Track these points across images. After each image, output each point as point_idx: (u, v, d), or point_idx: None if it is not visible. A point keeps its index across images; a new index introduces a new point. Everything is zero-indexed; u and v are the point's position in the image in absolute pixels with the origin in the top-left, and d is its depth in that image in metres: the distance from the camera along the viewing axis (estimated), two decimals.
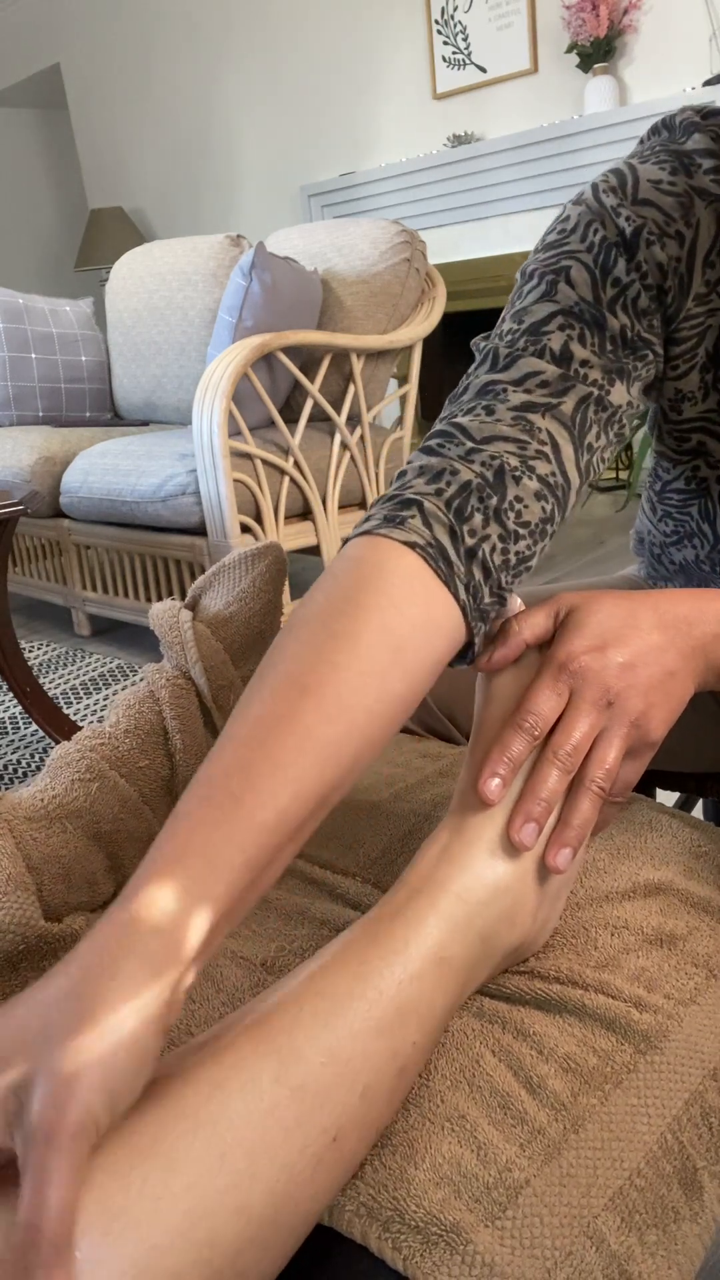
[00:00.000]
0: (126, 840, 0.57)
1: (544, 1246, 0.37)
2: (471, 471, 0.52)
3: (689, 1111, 0.43)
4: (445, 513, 0.50)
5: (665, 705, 0.50)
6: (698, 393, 0.65)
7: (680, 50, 3.24)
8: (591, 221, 0.59)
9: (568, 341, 0.57)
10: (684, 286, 0.59)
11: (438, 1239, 0.37)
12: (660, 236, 0.58)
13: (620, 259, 0.58)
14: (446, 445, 0.54)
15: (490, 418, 0.54)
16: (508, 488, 0.52)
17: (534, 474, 0.53)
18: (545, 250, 0.61)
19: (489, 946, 0.46)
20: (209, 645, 0.63)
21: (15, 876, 0.49)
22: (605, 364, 0.57)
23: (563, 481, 0.55)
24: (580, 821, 0.47)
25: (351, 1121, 0.38)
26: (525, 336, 0.57)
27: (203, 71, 4.77)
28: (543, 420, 0.55)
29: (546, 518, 0.54)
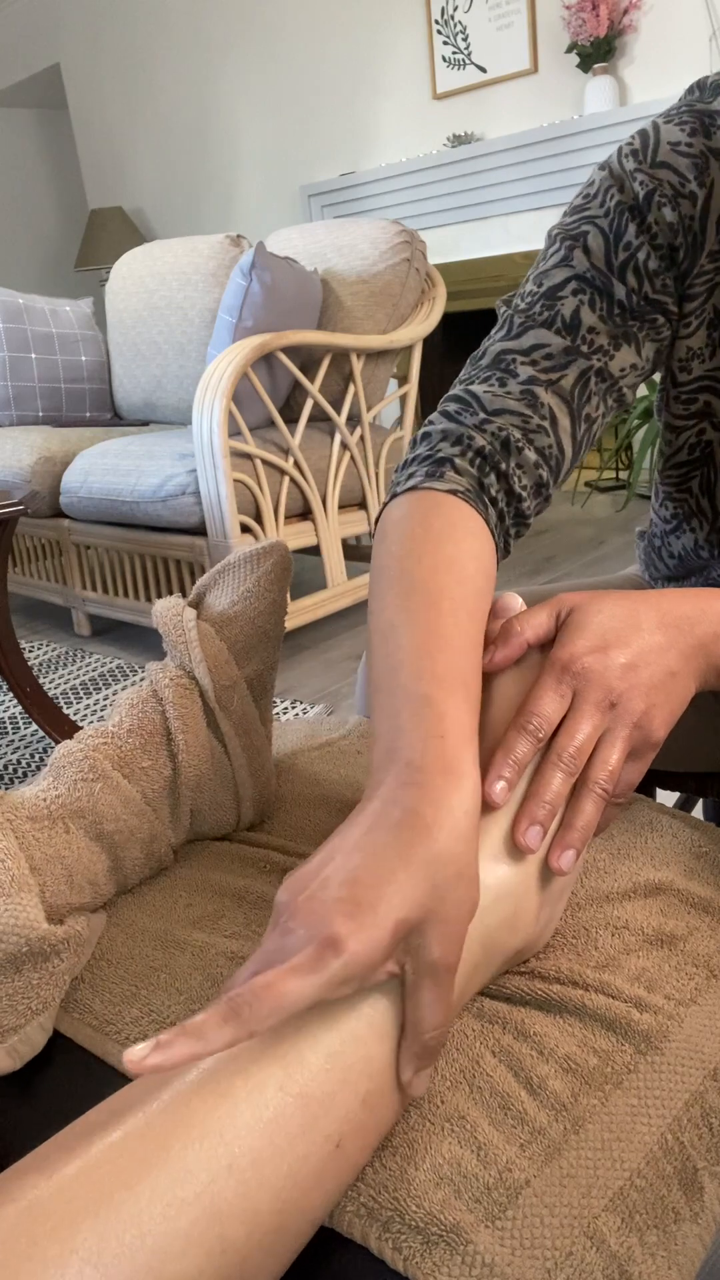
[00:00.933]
0: (128, 840, 0.57)
1: (544, 1247, 0.36)
2: (484, 439, 0.61)
3: (689, 1112, 0.43)
4: (470, 468, 0.60)
5: (667, 705, 0.50)
6: (705, 350, 0.67)
7: (680, 50, 3.24)
8: (610, 186, 0.64)
9: (579, 307, 0.63)
10: (697, 244, 0.63)
11: (438, 1239, 0.37)
12: (674, 197, 0.62)
13: (631, 224, 0.63)
14: (463, 413, 0.63)
15: (502, 389, 0.63)
16: (511, 456, 0.61)
17: (532, 446, 0.62)
18: (570, 214, 0.66)
19: (490, 952, 0.46)
20: (213, 645, 0.63)
21: (19, 878, 0.49)
22: (611, 329, 0.64)
23: (558, 453, 0.63)
24: (583, 823, 0.47)
25: (354, 1128, 0.38)
26: (542, 300, 0.65)
27: (202, 71, 4.77)
28: (546, 394, 0.63)
29: (542, 484, 0.63)
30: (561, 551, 3.11)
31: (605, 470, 4.02)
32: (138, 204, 5.47)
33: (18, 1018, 0.47)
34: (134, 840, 0.57)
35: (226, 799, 0.63)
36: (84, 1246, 0.31)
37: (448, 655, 0.48)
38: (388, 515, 0.59)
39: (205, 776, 0.61)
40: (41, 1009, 0.48)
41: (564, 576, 2.84)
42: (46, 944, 0.47)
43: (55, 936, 0.48)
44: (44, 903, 0.51)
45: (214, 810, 0.63)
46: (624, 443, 3.74)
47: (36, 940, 0.47)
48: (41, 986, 0.48)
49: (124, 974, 0.52)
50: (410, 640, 0.49)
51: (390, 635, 0.50)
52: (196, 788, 0.61)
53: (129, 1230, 0.32)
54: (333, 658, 2.40)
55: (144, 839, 0.58)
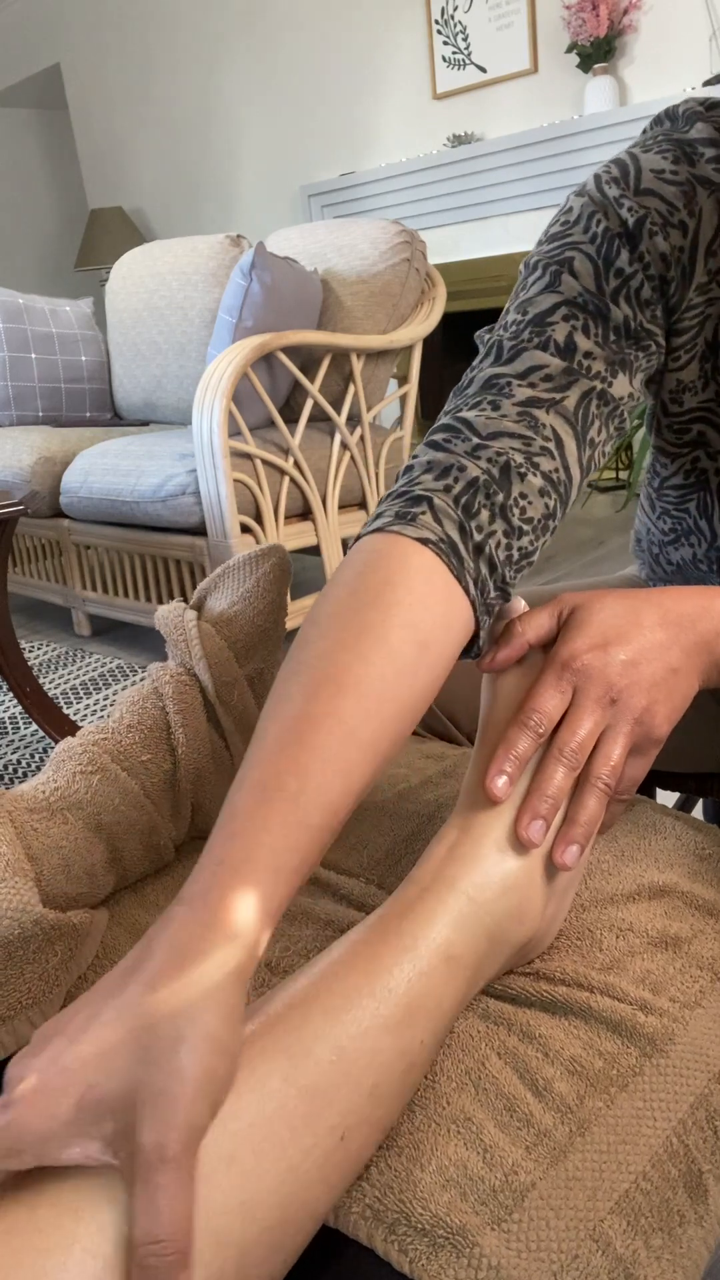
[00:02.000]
0: (127, 833, 0.57)
1: (550, 1250, 0.36)
2: (478, 468, 0.52)
3: (694, 1115, 0.43)
4: (454, 509, 0.51)
5: (669, 702, 0.50)
6: (698, 383, 0.65)
7: (680, 50, 3.24)
8: (594, 213, 0.59)
9: (572, 332, 0.57)
10: (686, 276, 0.60)
11: (444, 1241, 0.36)
12: (664, 226, 0.58)
13: (623, 250, 0.58)
14: (453, 441, 0.54)
15: (496, 413, 0.55)
16: (513, 484, 0.52)
17: (538, 470, 0.53)
18: (549, 242, 0.61)
19: (496, 944, 0.46)
20: (213, 643, 0.63)
21: (14, 862, 0.49)
22: (608, 355, 0.58)
23: (565, 478, 0.55)
24: (587, 819, 0.47)
25: (359, 1120, 0.38)
26: (530, 328, 0.58)
27: (203, 72, 4.77)
28: (547, 416, 0.55)
29: (549, 514, 0.54)
30: (561, 551, 3.11)
31: (605, 470, 4.02)
32: (138, 204, 5.46)
33: (8, 1009, 0.47)
34: (132, 832, 0.57)
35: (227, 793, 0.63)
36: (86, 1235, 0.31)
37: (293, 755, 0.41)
38: (347, 558, 0.51)
39: (205, 770, 0.61)
40: (31, 1003, 0.48)
41: (564, 576, 2.84)
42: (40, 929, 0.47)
43: (49, 921, 0.48)
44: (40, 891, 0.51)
45: (215, 805, 0.63)
46: (624, 443, 3.74)
47: (31, 924, 0.47)
48: (34, 980, 0.48)
49: None
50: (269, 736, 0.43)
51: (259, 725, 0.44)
52: (197, 781, 0.61)
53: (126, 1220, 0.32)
54: None
55: (143, 831, 0.58)
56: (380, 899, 0.56)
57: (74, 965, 0.51)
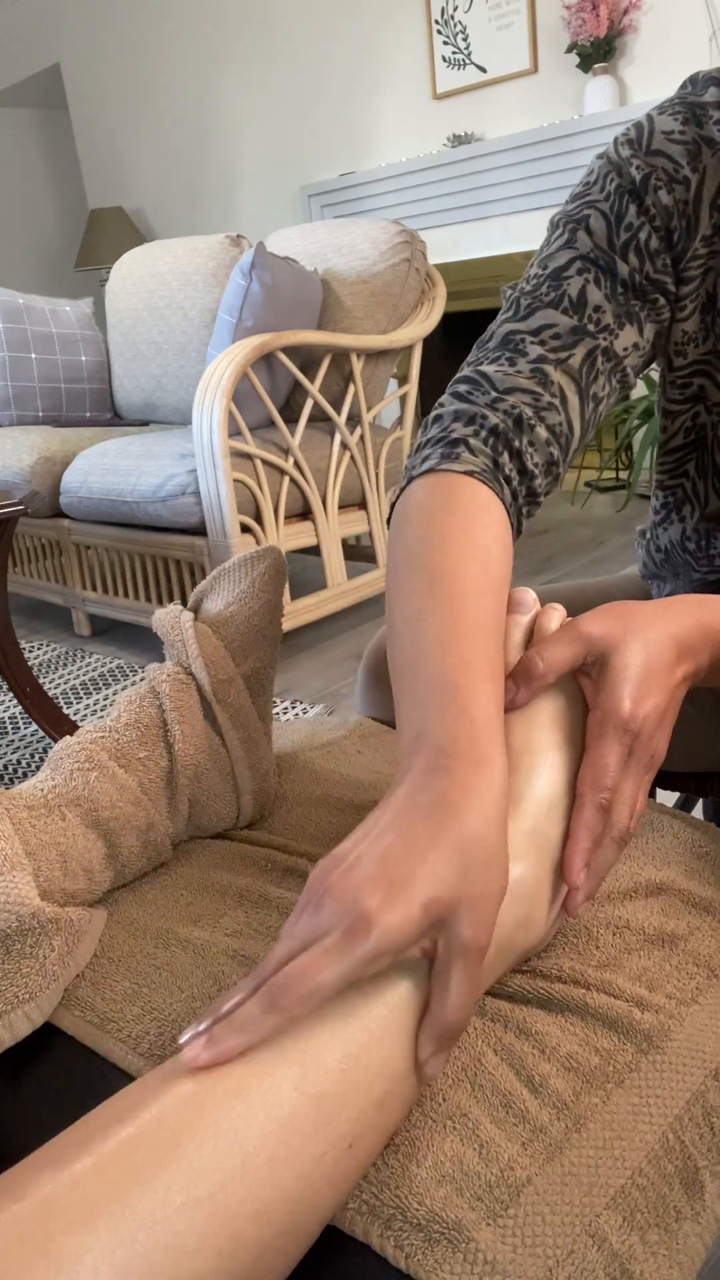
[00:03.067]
0: (124, 829, 0.57)
1: (546, 1245, 0.37)
2: (497, 418, 0.61)
3: (691, 1111, 0.43)
4: (485, 448, 0.60)
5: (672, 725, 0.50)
6: (699, 334, 0.69)
7: (680, 50, 3.24)
8: (609, 173, 0.66)
9: (585, 285, 0.65)
10: (690, 228, 0.65)
11: (440, 1237, 0.37)
12: (668, 182, 0.64)
13: (631, 205, 0.65)
14: (475, 393, 0.63)
15: (512, 369, 0.63)
16: (524, 434, 0.61)
17: (544, 423, 0.62)
18: (571, 202, 0.68)
19: (504, 952, 0.46)
20: (209, 642, 0.64)
21: (11, 856, 0.49)
22: (615, 309, 0.65)
23: (567, 430, 0.64)
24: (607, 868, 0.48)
25: (367, 1129, 0.38)
26: (548, 282, 0.66)
27: (202, 71, 4.77)
28: (555, 372, 0.63)
29: (553, 460, 0.63)
30: (561, 551, 3.11)
31: (605, 470, 4.02)
32: (138, 204, 5.47)
33: (4, 1004, 0.47)
34: (130, 828, 0.58)
35: (225, 790, 0.63)
36: (98, 1244, 0.31)
37: (475, 643, 0.48)
38: (406, 499, 0.59)
39: (202, 767, 0.62)
40: (28, 998, 0.48)
41: (564, 576, 2.84)
42: (37, 921, 0.47)
43: (46, 914, 0.48)
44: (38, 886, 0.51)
45: (213, 801, 0.63)
46: (624, 443, 3.74)
47: (28, 917, 0.47)
48: (31, 974, 0.48)
49: (125, 971, 0.52)
50: (437, 627, 0.49)
51: (417, 622, 0.50)
52: (194, 778, 0.61)
53: (143, 1228, 0.32)
54: (332, 658, 2.40)
55: (140, 827, 0.58)
56: None
57: (72, 962, 0.51)
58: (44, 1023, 0.49)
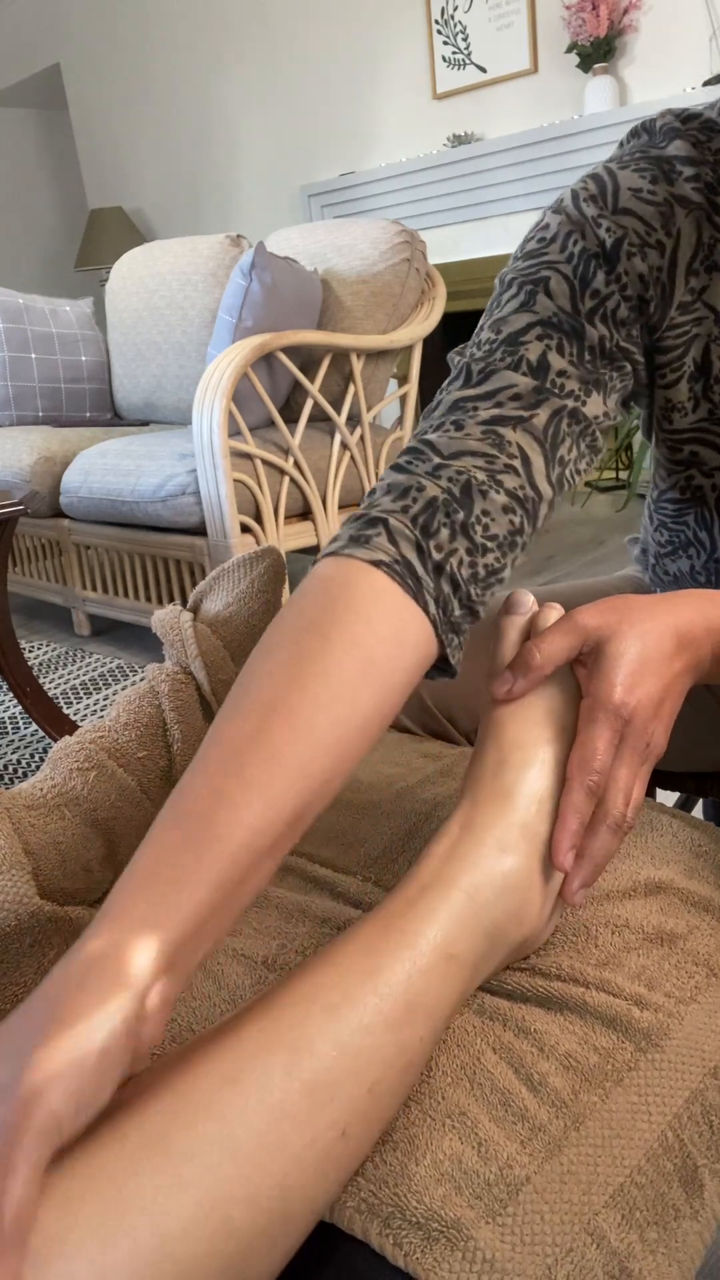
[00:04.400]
0: (124, 828, 0.58)
1: (545, 1243, 0.37)
2: (438, 487, 0.52)
3: (689, 1109, 0.43)
4: (411, 529, 0.51)
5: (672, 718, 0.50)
6: (688, 404, 0.65)
7: (680, 50, 3.24)
8: (571, 232, 0.59)
9: (545, 351, 0.57)
10: (666, 296, 0.60)
11: (438, 1235, 0.37)
12: (641, 247, 0.58)
13: (600, 271, 0.58)
14: (415, 462, 0.54)
15: (459, 433, 0.55)
16: (475, 502, 0.52)
17: (501, 488, 0.53)
18: (525, 259, 0.61)
19: (496, 943, 0.46)
20: (209, 642, 0.64)
21: (11, 856, 0.49)
22: (582, 375, 0.58)
23: (532, 494, 0.55)
24: (605, 857, 0.48)
25: (360, 1116, 0.38)
26: (503, 347, 0.58)
27: (202, 72, 4.77)
28: (513, 433, 0.55)
29: (515, 529, 0.54)
30: (561, 551, 3.11)
31: (605, 470, 4.02)
32: (138, 204, 5.47)
33: (4, 1002, 0.47)
34: (129, 828, 0.58)
35: None
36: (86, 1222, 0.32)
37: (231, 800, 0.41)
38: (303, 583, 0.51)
39: None
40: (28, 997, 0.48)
41: (564, 576, 2.84)
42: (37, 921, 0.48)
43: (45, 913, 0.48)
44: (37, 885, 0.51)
45: None
46: (624, 443, 3.74)
47: (27, 916, 0.47)
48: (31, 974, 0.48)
49: None
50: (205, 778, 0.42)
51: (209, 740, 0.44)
52: None
53: (130, 1209, 0.32)
54: None
55: (139, 827, 0.58)
56: (377, 896, 0.56)
57: None
58: None
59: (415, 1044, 0.41)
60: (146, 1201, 0.32)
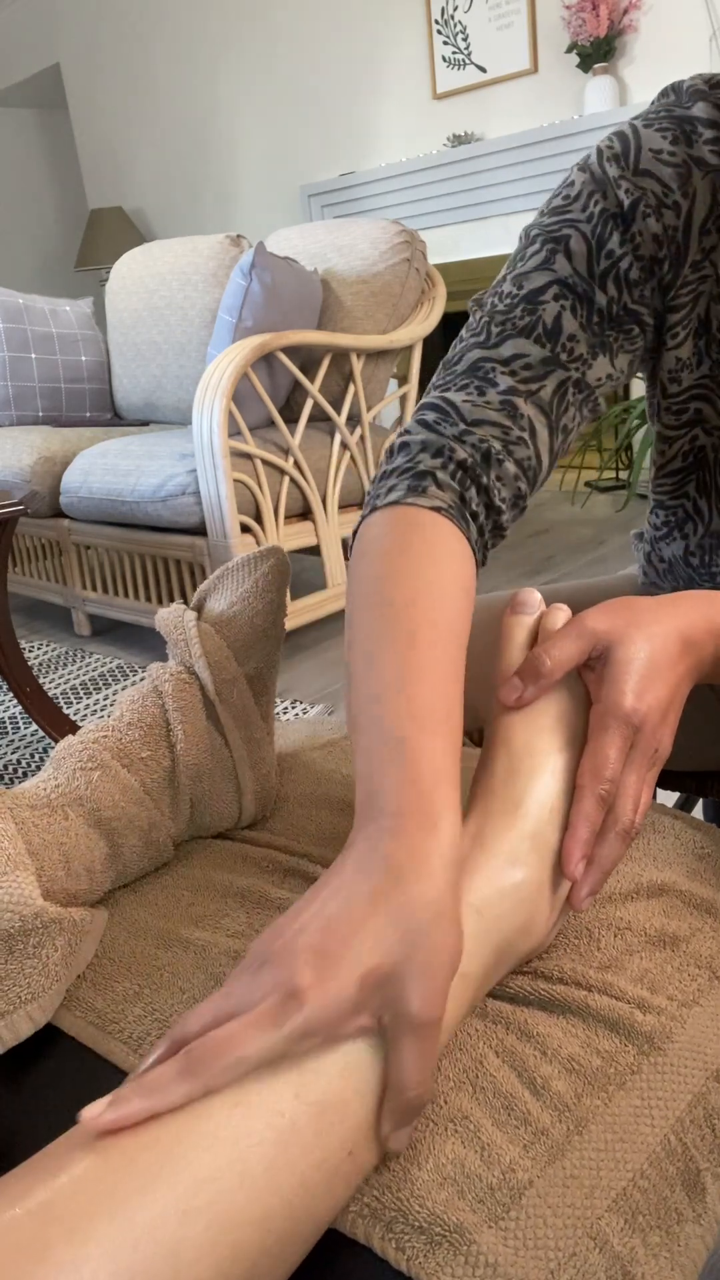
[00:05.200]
0: (127, 829, 0.57)
1: (547, 1247, 0.36)
2: (465, 452, 0.59)
3: (692, 1113, 0.43)
4: (452, 482, 0.59)
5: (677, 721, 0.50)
6: (693, 359, 0.67)
7: (680, 50, 3.24)
8: (594, 192, 0.63)
9: (560, 313, 0.62)
10: (680, 255, 0.63)
11: (441, 1239, 0.36)
12: (657, 208, 0.61)
13: (615, 232, 0.62)
14: (442, 424, 0.61)
15: (481, 399, 0.61)
16: (492, 469, 0.60)
17: (513, 458, 0.60)
18: (550, 215, 0.65)
19: (503, 956, 0.45)
20: (212, 642, 0.64)
21: (14, 856, 0.49)
22: (590, 339, 0.63)
23: (535, 464, 0.62)
24: (612, 863, 0.48)
25: (367, 1136, 0.38)
26: (523, 305, 0.63)
27: (202, 71, 4.77)
28: (525, 405, 0.61)
29: (519, 495, 0.62)
30: (561, 551, 3.11)
31: (605, 470, 4.02)
32: (138, 204, 5.47)
33: (6, 1004, 0.47)
34: (132, 828, 0.58)
35: (227, 790, 0.63)
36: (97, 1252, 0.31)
37: (426, 690, 0.46)
38: (365, 532, 0.57)
39: (204, 767, 0.62)
40: (31, 998, 0.48)
41: (564, 577, 2.84)
42: (41, 922, 0.47)
43: (49, 914, 0.48)
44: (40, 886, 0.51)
45: (215, 801, 0.63)
46: (624, 443, 3.74)
47: (31, 917, 0.47)
48: (34, 974, 0.48)
49: (126, 972, 0.52)
50: (388, 673, 0.47)
51: (368, 667, 0.48)
52: (196, 778, 0.61)
53: (143, 1236, 0.32)
54: (333, 658, 2.40)
55: (142, 827, 0.58)
56: None
57: (74, 962, 0.51)
58: (45, 1023, 0.49)
59: None
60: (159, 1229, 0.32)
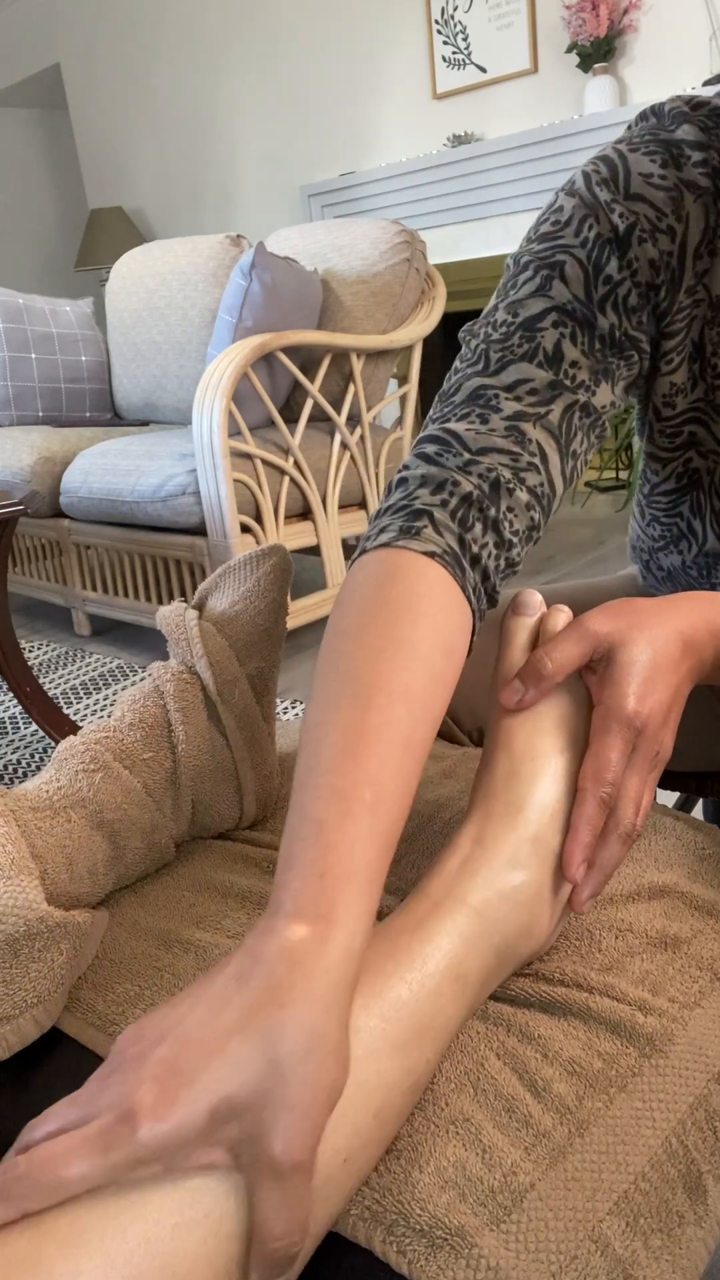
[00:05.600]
0: (129, 831, 0.57)
1: (549, 1250, 0.36)
2: (470, 484, 0.54)
3: (694, 1115, 0.43)
4: (452, 523, 0.53)
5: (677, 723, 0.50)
6: (687, 384, 0.66)
7: (680, 50, 3.24)
8: (586, 216, 0.60)
9: (560, 340, 0.59)
10: (676, 281, 0.61)
11: (442, 1242, 0.36)
12: (652, 232, 0.59)
13: (613, 257, 0.59)
14: (444, 455, 0.56)
15: (485, 426, 0.57)
16: (501, 499, 0.55)
17: (524, 485, 0.56)
18: (540, 241, 0.62)
19: (504, 959, 0.45)
20: (214, 641, 0.63)
21: (18, 860, 0.49)
22: (592, 365, 0.60)
23: (548, 490, 0.58)
24: (613, 865, 0.48)
25: (363, 1142, 0.37)
26: (520, 332, 0.60)
27: (202, 72, 4.77)
28: (534, 430, 0.57)
29: (534, 525, 0.57)
30: (561, 551, 3.11)
31: (605, 470, 4.02)
32: (138, 204, 5.46)
33: (12, 1008, 0.47)
34: (135, 830, 0.58)
35: (228, 791, 0.63)
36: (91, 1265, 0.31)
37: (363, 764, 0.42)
38: (351, 576, 0.53)
39: (206, 768, 0.61)
40: (36, 1002, 0.48)
41: (564, 576, 2.84)
42: (45, 926, 0.47)
43: (54, 919, 0.48)
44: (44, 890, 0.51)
45: (216, 803, 0.63)
46: (624, 443, 3.74)
47: (35, 921, 0.47)
48: (39, 978, 0.48)
49: (127, 973, 0.52)
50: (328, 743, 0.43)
51: (313, 733, 0.44)
52: (197, 779, 0.61)
53: (137, 1250, 0.32)
54: None
55: (145, 829, 0.58)
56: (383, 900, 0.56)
57: (77, 964, 0.51)
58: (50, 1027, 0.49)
59: (422, 1066, 0.40)
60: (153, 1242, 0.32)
